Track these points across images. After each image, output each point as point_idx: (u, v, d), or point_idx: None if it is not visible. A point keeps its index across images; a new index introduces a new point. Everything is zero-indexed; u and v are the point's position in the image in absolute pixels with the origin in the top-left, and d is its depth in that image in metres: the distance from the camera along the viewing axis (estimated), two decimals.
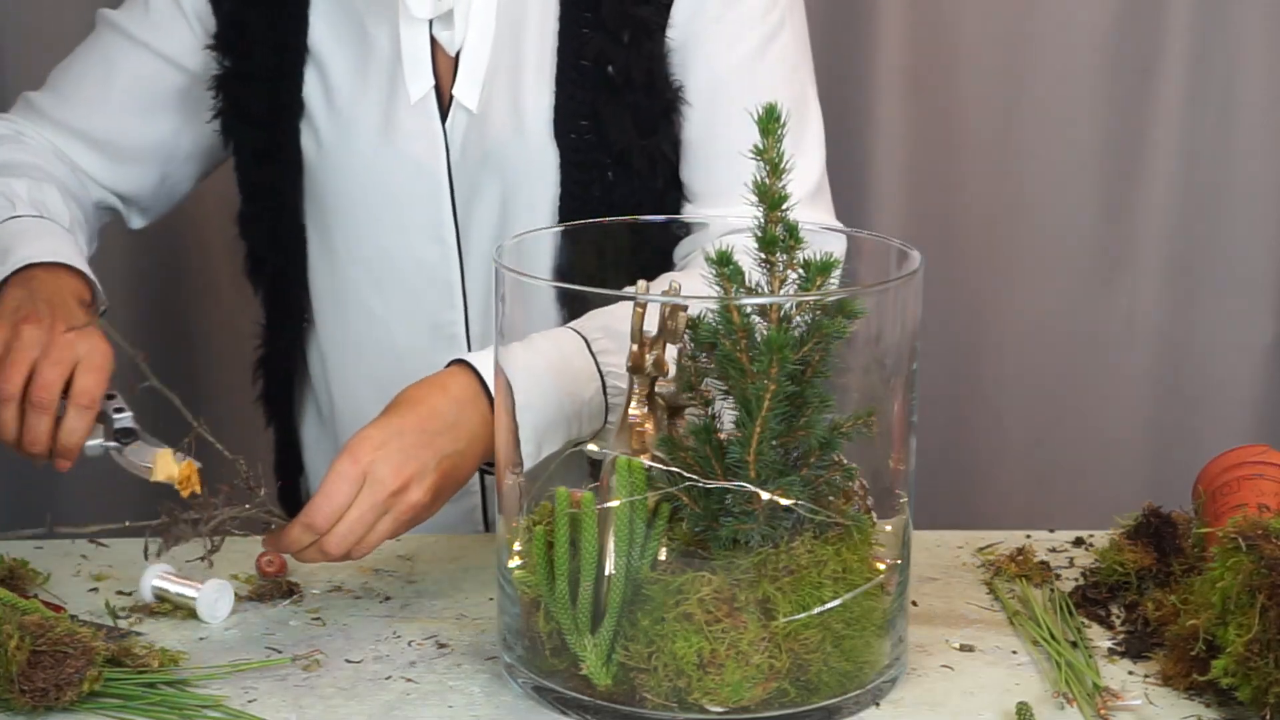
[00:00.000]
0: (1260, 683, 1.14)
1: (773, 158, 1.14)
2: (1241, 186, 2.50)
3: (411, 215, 1.56)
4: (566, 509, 1.15)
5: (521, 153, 1.53)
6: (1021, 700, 1.18)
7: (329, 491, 1.28)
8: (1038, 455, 2.60)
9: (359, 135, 1.56)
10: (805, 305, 1.13)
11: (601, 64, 1.51)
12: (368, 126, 1.56)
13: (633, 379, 1.19)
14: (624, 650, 1.14)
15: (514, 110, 1.53)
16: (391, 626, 1.33)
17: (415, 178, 1.55)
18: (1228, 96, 2.48)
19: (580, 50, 1.52)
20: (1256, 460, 1.40)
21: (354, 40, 1.56)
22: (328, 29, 1.57)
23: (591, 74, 1.51)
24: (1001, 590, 1.39)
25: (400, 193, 1.56)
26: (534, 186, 1.53)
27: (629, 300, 1.19)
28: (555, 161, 1.52)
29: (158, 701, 1.19)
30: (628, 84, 1.52)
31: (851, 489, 1.19)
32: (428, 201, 1.56)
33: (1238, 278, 2.53)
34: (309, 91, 1.57)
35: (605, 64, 1.51)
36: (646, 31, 1.52)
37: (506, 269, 1.21)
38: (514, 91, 1.53)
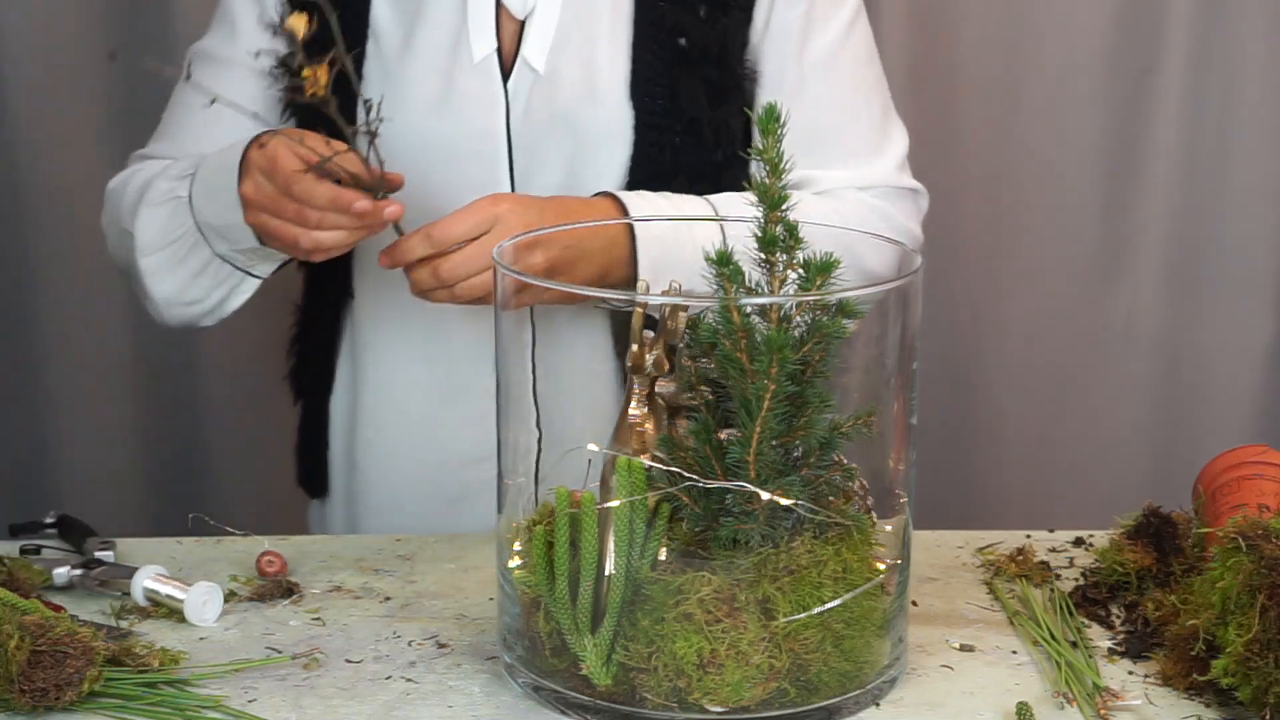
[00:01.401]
0: (1260, 683, 1.14)
1: (773, 157, 1.14)
2: (1241, 186, 2.50)
3: (466, 176, 1.55)
4: (566, 509, 1.15)
5: (594, 115, 1.55)
6: (1021, 700, 1.18)
7: (461, 216, 1.39)
8: (1038, 455, 2.60)
9: (415, 96, 1.56)
10: (805, 305, 1.13)
11: (676, 35, 1.55)
12: (425, 88, 1.56)
13: (633, 379, 1.19)
14: (624, 650, 1.14)
15: (587, 74, 1.55)
16: (391, 626, 1.33)
17: (472, 139, 1.55)
18: (1228, 96, 2.48)
19: (657, 20, 1.55)
20: (1256, 460, 1.40)
21: (411, 2, 1.57)
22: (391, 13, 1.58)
23: (667, 44, 1.55)
24: (1001, 590, 1.39)
25: (456, 154, 1.56)
26: (605, 149, 1.56)
27: (630, 300, 1.19)
28: (630, 124, 1.55)
29: (158, 701, 1.19)
30: (702, 56, 1.56)
31: (851, 489, 1.19)
32: (484, 162, 1.56)
33: (1238, 278, 2.53)
34: (369, 67, 1.58)
35: (679, 35, 1.55)
36: (723, 8, 1.56)
37: (507, 269, 1.21)
38: (587, 55, 1.55)
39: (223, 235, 1.52)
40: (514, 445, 1.23)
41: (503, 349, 1.23)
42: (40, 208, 2.42)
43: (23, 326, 2.46)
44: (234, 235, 1.50)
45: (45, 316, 2.47)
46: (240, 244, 1.51)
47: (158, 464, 2.55)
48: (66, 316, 2.46)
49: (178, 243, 1.55)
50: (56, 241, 2.42)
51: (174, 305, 1.60)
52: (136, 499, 2.53)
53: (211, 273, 1.56)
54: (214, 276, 1.56)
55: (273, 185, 1.41)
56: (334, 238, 1.42)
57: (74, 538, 1.49)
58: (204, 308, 1.60)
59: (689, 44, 1.55)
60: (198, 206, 1.52)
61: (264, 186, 1.42)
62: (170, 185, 1.55)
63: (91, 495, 2.45)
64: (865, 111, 1.63)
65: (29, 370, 2.47)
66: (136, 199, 1.59)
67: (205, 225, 1.52)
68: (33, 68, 2.36)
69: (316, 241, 1.42)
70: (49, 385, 2.48)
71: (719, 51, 1.56)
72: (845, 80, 1.61)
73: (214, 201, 1.50)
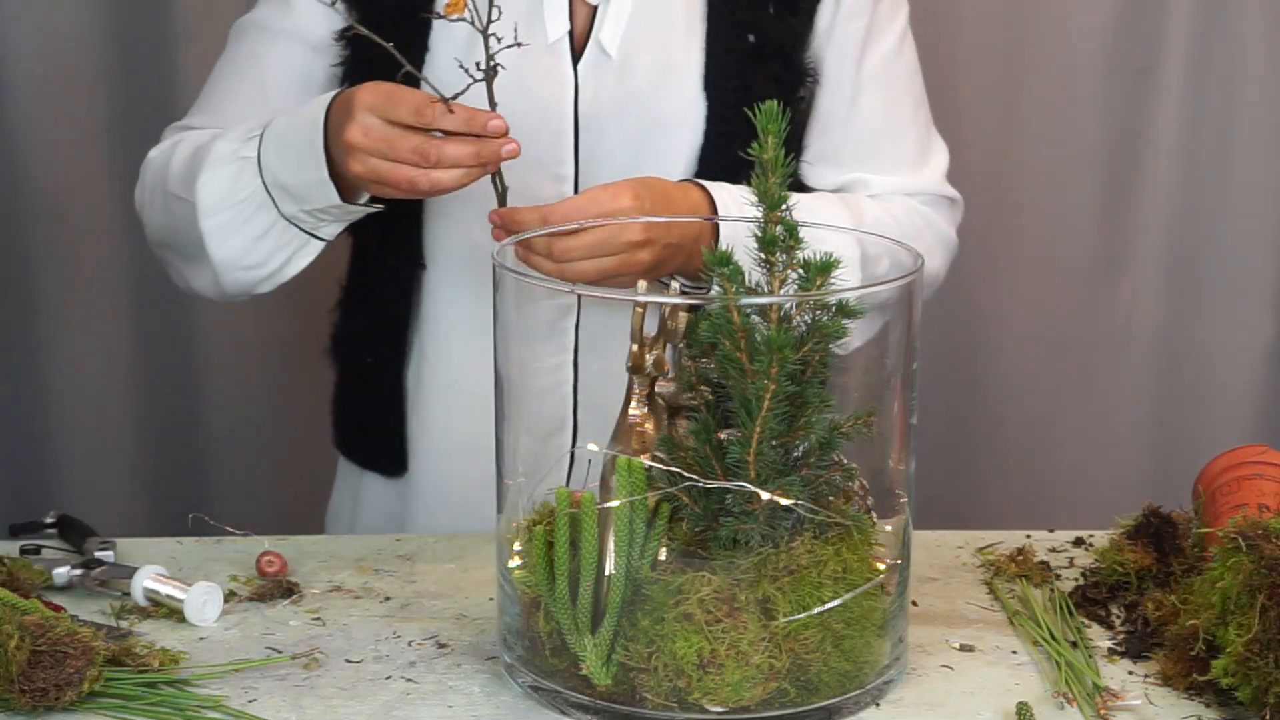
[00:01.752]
0: (1260, 683, 1.14)
1: (772, 158, 1.14)
2: (1241, 186, 2.50)
3: (530, 152, 1.54)
4: (566, 509, 1.15)
5: (667, 103, 1.58)
6: (1021, 700, 1.18)
7: (583, 202, 1.40)
8: (1038, 455, 2.60)
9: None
10: (805, 305, 1.13)
11: (747, 30, 1.58)
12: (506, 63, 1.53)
13: (633, 379, 1.19)
14: (624, 650, 1.14)
15: (661, 61, 1.57)
16: (391, 626, 1.33)
17: (540, 117, 1.56)
18: (1228, 96, 2.48)
19: (729, 14, 1.58)
20: (1256, 460, 1.40)
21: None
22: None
23: (739, 38, 1.58)
24: (1001, 590, 1.39)
25: (521, 130, 1.53)
26: (675, 137, 1.58)
27: (630, 300, 1.19)
28: (702, 114, 1.58)
29: (158, 701, 1.19)
30: (774, 53, 1.60)
31: (851, 489, 1.19)
32: (550, 140, 1.57)
33: (1238, 278, 2.53)
34: (435, 37, 1.58)
35: (750, 31, 1.59)
36: (792, 8, 1.60)
37: (507, 270, 1.21)
38: (661, 43, 1.58)
39: (294, 195, 1.50)
40: (514, 445, 1.23)
41: (502, 348, 1.23)
42: (40, 208, 2.42)
43: (23, 326, 2.46)
44: (308, 194, 1.49)
45: (45, 316, 2.47)
46: (313, 203, 1.49)
47: (158, 464, 2.55)
48: (66, 316, 2.46)
49: (244, 204, 1.52)
50: (56, 241, 2.42)
51: (234, 269, 1.56)
52: (136, 499, 2.53)
53: (275, 235, 1.53)
54: (277, 239, 1.54)
55: (393, 118, 1.40)
56: (453, 176, 1.40)
57: (74, 538, 1.49)
58: (264, 272, 1.57)
59: (759, 40, 1.59)
60: (268, 166, 1.50)
61: (375, 128, 1.40)
62: (234, 147, 1.53)
63: (91, 495, 2.45)
64: (913, 122, 1.70)
65: (29, 370, 2.47)
66: (192, 163, 1.56)
67: (276, 185, 1.50)
68: (33, 68, 2.36)
69: (435, 182, 1.40)
70: (49, 385, 2.48)
71: (789, 50, 1.60)
72: (897, 91, 1.68)
73: (289, 159, 1.49)
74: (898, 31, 1.67)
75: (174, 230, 1.60)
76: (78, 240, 2.43)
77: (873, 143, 1.66)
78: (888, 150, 1.67)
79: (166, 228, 1.61)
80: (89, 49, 2.38)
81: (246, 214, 1.53)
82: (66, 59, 2.38)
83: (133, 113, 2.41)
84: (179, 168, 1.58)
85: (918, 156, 1.70)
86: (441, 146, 1.39)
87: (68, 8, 2.35)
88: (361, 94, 1.41)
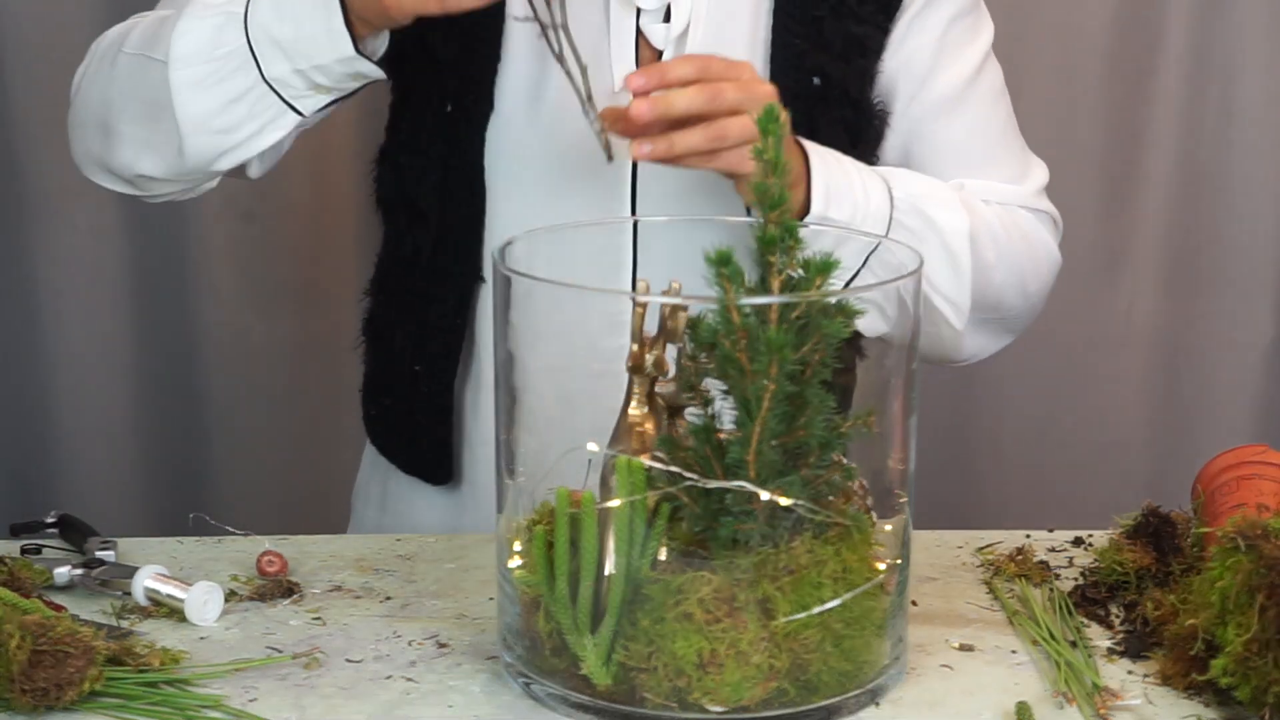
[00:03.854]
0: (1259, 682, 1.14)
1: (772, 157, 1.14)
2: (1241, 186, 2.50)
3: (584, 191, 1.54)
4: (566, 509, 1.15)
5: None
6: (1021, 700, 1.19)
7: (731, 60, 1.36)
8: (1038, 455, 2.60)
9: (549, 104, 1.53)
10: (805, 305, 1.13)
11: (812, 74, 1.55)
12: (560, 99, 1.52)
13: (633, 379, 1.19)
14: (624, 650, 1.14)
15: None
16: (391, 626, 1.33)
17: (601, 165, 1.46)
18: (1228, 96, 2.48)
19: (793, 59, 1.54)
20: (1256, 460, 1.41)
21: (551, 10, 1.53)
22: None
23: (804, 83, 1.54)
24: (1001, 590, 1.39)
25: (581, 176, 1.53)
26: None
27: (632, 298, 1.19)
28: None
29: (159, 701, 1.19)
30: (840, 97, 1.56)
31: (851, 489, 1.19)
32: (606, 182, 1.53)
33: (1238, 278, 2.54)
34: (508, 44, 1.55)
35: (815, 74, 1.55)
36: (861, 50, 1.56)
37: (507, 269, 1.21)
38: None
39: (289, 51, 1.42)
40: (514, 445, 1.23)
41: (503, 348, 1.23)
42: (40, 208, 2.43)
43: (23, 326, 2.47)
44: (309, 48, 1.41)
45: (45, 316, 2.47)
46: (313, 58, 1.42)
47: (158, 464, 2.55)
48: (66, 316, 2.47)
49: (223, 60, 1.44)
50: (56, 241, 2.42)
51: (201, 130, 1.46)
52: (136, 499, 2.53)
53: (250, 101, 1.45)
54: (251, 106, 1.45)
55: None
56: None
57: (75, 537, 1.49)
58: (233, 139, 1.47)
59: (824, 84, 1.55)
60: (260, 21, 1.42)
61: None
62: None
63: (91, 495, 2.45)
64: (1003, 136, 1.66)
65: (29, 371, 2.48)
66: (163, 26, 1.48)
67: (267, 40, 1.42)
68: (33, 67, 2.36)
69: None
70: (49, 385, 2.49)
71: (855, 93, 1.57)
72: (981, 110, 1.64)
73: (288, 8, 1.41)
74: (979, 52, 1.64)
75: (119, 98, 1.50)
76: (78, 240, 2.43)
77: (962, 156, 1.61)
78: (978, 164, 1.62)
79: (108, 98, 1.52)
80: (89, 49, 2.39)
81: (224, 72, 1.44)
82: (67, 59, 2.37)
83: None
84: (145, 29, 1.50)
85: (1015, 172, 1.65)
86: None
87: (68, 7, 2.35)
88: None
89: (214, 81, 1.45)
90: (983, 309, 1.55)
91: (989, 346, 1.65)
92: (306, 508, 2.10)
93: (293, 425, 2.51)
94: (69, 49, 2.40)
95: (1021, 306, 1.63)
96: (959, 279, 1.51)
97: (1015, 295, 1.61)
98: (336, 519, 1.82)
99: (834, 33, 1.55)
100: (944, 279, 1.51)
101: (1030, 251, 1.62)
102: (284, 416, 2.51)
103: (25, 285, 2.46)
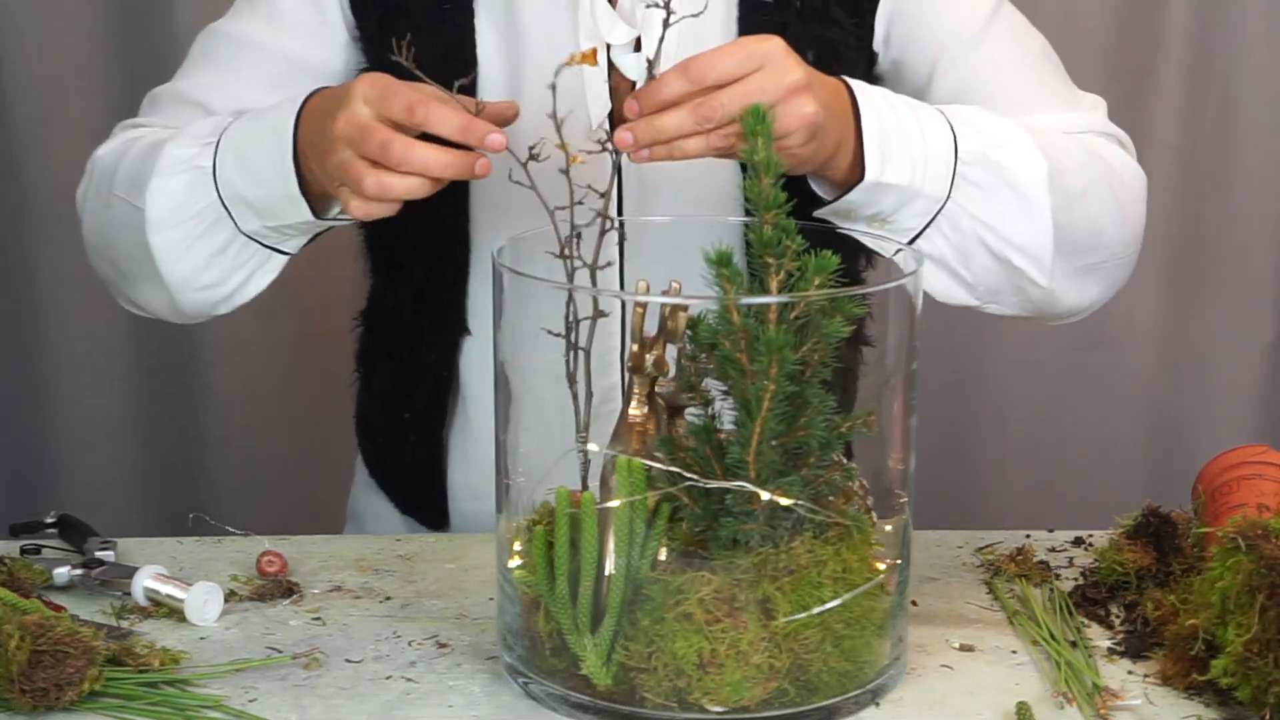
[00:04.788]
0: (1260, 682, 1.14)
1: (764, 159, 1.14)
2: (1241, 186, 2.50)
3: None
4: (566, 509, 1.15)
5: (710, 179, 1.49)
6: (1021, 700, 1.18)
7: (725, 50, 1.22)
8: (1038, 455, 2.60)
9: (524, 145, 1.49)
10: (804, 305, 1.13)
11: None
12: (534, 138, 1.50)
13: (633, 379, 1.19)
14: (624, 650, 1.14)
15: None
16: (391, 626, 1.33)
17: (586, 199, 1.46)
18: (1228, 96, 2.48)
19: None
20: (1256, 460, 1.41)
21: (521, 55, 1.50)
22: (494, 34, 1.51)
23: None
24: (1001, 590, 1.39)
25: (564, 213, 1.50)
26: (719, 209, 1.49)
27: (632, 299, 1.19)
28: (738, 181, 1.47)
29: (158, 701, 1.19)
30: None
31: (851, 489, 1.19)
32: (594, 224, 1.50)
33: (1238, 278, 2.54)
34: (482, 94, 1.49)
35: None
36: (834, 53, 1.49)
37: (507, 269, 1.21)
38: None
39: (256, 209, 1.39)
40: (514, 445, 1.23)
41: (502, 347, 1.23)
42: (40, 208, 2.43)
43: (23, 326, 2.47)
44: (273, 209, 1.37)
45: (45, 316, 2.47)
46: (279, 219, 1.38)
47: (158, 464, 2.55)
48: (66, 316, 2.47)
49: (197, 218, 1.41)
50: (56, 241, 2.42)
51: (188, 289, 1.45)
52: (136, 499, 2.54)
53: (234, 252, 1.43)
54: (235, 257, 1.43)
55: (385, 113, 1.25)
56: (406, 185, 1.25)
57: (74, 538, 1.49)
58: (222, 292, 1.46)
59: None
60: (226, 179, 1.38)
61: (360, 117, 1.26)
62: (188, 153, 1.41)
63: (91, 495, 2.45)
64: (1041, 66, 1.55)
65: (29, 371, 2.48)
66: (143, 167, 1.44)
67: (234, 199, 1.39)
68: (33, 68, 2.36)
69: (384, 187, 1.25)
70: (49, 386, 2.49)
71: None
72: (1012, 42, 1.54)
73: (250, 171, 1.37)
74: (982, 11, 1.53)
75: (117, 242, 1.49)
76: (78, 240, 2.43)
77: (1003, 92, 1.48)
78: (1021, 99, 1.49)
79: (109, 237, 1.51)
80: (89, 49, 2.39)
81: (201, 229, 1.42)
82: (66, 59, 2.38)
83: (133, 113, 2.41)
84: (129, 167, 1.47)
85: (1064, 98, 1.54)
86: (408, 146, 1.24)
87: (68, 9, 2.35)
88: (360, 83, 1.28)
89: (192, 239, 1.42)
90: (1084, 251, 1.44)
91: (1095, 295, 1.51)
92: (306, 508, 2.10)
93: (293, 425, 2.51)
94: (69, 49, 2.40)
95: (1124, 236, 1.49)
96: (1037, 230, 1.39)
97: (1114, 223, 1.47)
98: (336, 519, 1.82)
99: (800, 39, 1.45)
100: (1021, 233, 1.39)
101: (1117, 175, 1.49)
102: (284, 416, 2.52)
103: (25, 285, 2.46)
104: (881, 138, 1.32)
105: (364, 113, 1.26)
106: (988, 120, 1.40)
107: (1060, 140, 1.45)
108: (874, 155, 1.32)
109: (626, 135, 1.24)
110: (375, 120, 1.26)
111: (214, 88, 1.54)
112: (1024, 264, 1.40)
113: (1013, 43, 1.55)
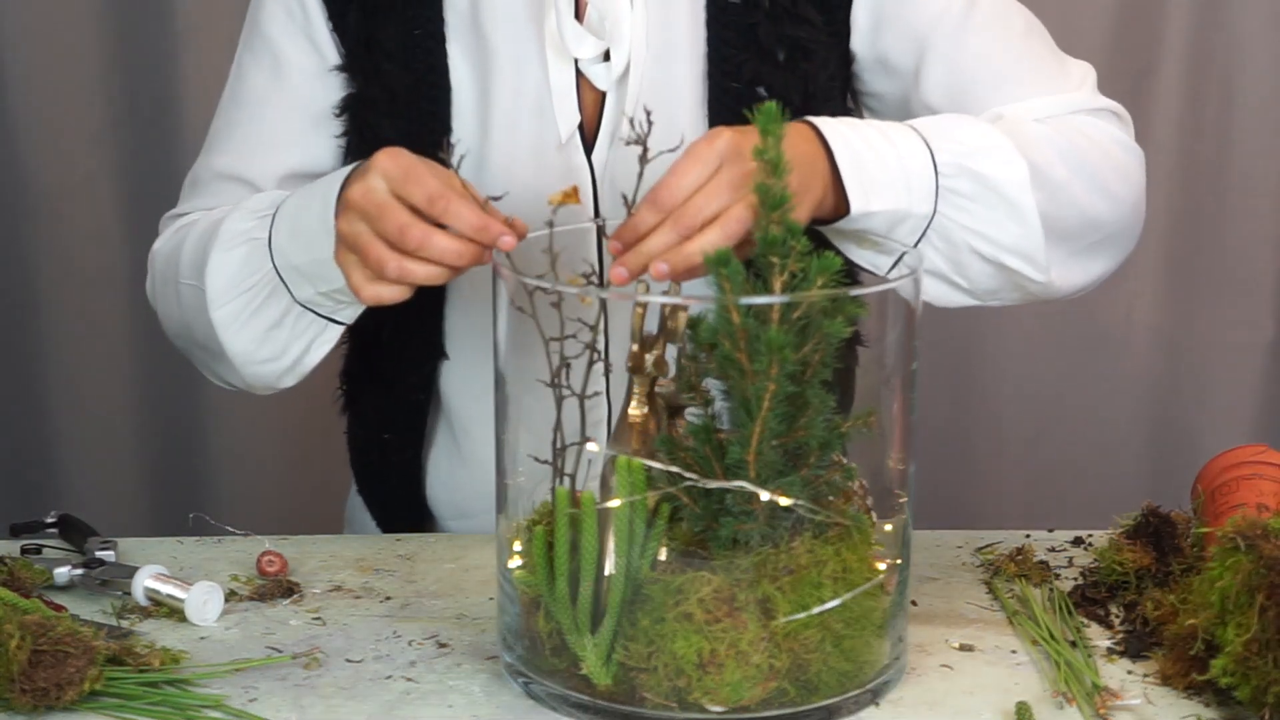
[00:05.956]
0: (1259, 682, 1.14)
1: (773, 157, 1.14)
2: (1241, 186, 2.50)
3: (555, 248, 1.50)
4: (566, 509, 1.15)
5: None
6: (1021, 700, 1.19)
7: (682, 169, 1.23)
8: (1038, 455, 2.60)
9: (505, 172, 1.48)
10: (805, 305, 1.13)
11: (754, 85, 1.48)
12: (521, 164, 1.49)
13: (633, 379, 1.19)
14: (624, 650, 1.14)
15: (669, 137, 1.36)
16: (391, 626, 1.33)
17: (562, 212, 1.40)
18: (1228, 96, 2.48)
19: (733, 73, 1.48)
20: (1256, 460, 1.41)
21: (490, 75, 1.50)
22: (463, 58, 1.51)
23: (745, 96, 1.44)
24: (1001, 590, 1.39)
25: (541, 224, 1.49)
26: None
27: (632, 299, 1.19)
28: None
29: (159, 701, 1.19)
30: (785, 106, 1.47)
31: (851, 489, 1.19)
32: (572, 237, 1.43)
33: (1237, 278, 2.54)
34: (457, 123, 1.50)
35: (757, 84, 1.48)
36: (804, 52, 1.49)
37: (507, 269, 1.21)
38: (668, 122, 1.41)
39: (308, 276, 1.40)
40: (514, 445, 1.23)
41: (502, 347, 1.23)
42: (40, 208, 2.43)
43: (23, 326, 2.47)
44: (321, 273, 1.38)
45: (45, 316, 2.47)
46: (329, 283, 1.38)
47: (158, 464, 2.55)
48: (66, 316, 2.47)
49: (253, 290, 1.43)
50: (56, 241, 2.42)
51: (250, 363, 1.47)
52: (136, 499, 2.54)
53: (290, 324, 1.44)
54: (292, 328, 1.45)
55: (402, 194, 1.27)
56: (426, 272, 1.27)
57: (75, 537, 1.49)
58: (283, 364, 1.48)
59: (770, 94, 1.46)
60: (279, 247, 1.40)
61: (378, 192, 1.27)
62: (245, 226, 1.44)
63: (91, 495, 2.45)
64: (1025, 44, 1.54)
65: (29, 371, 2.48)
66: (203, 247, 1.47)
67: (288, 268, 1.40)
68: (33, 68, 2.36)
69: (405, 272, 1.27)
70: (49, 385, 2.49)
71: (801, 99, 1.48)
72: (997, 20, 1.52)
73: (301, 239, 1.39)
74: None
75: (192, 326, 1.51)
76: (77, 241, 2.43)
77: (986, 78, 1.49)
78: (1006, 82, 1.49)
79: (185, 323, 1.53)
80: (89, 49, 2.39)
81: (256, 302, 1.44)
82: (66, 59, 2.38)
83: (133, 113, 2.42)
84: (191, 249, 1.50)
85: (1050, 78, 1.52)
86: (428, 234, 1.25)
87: (68, 8, 2.35)
88: (382, 157, 1.29)
89: (250, 312, 1.44)
90: (1078, 235, 1.44)
91: (1099, 270, 1.51)
92: (306, 508, 2.10)
93: (293, 425, 2.51)
94: (69, 49, 2.40)
95: (1117, 213, 1.48)
96: (1027, 231, 1.39)
97: (1103, 203, 1.46)
98: (336, 519, 1.82)
99: (770, 37, 1.48)
100: (1011, 236, 1.39)
101: (1102, 153, 1.47)
102: (284, 416, 2.51)
103: (25, 285, 2.46)
104: (859, 169, 1.32)
105: (381, 189, 1.27)
106: (963, 128, 1.40)
107: (1037, 131, 1.44)
108: (855, 187, 1.32)
109: (620, 270, 1.24)
110: (392, 199, 1.27)
111: (244, 154, 1.56)
112: (1018, 265, 1.40)
113: (997, 23, 1.53)
